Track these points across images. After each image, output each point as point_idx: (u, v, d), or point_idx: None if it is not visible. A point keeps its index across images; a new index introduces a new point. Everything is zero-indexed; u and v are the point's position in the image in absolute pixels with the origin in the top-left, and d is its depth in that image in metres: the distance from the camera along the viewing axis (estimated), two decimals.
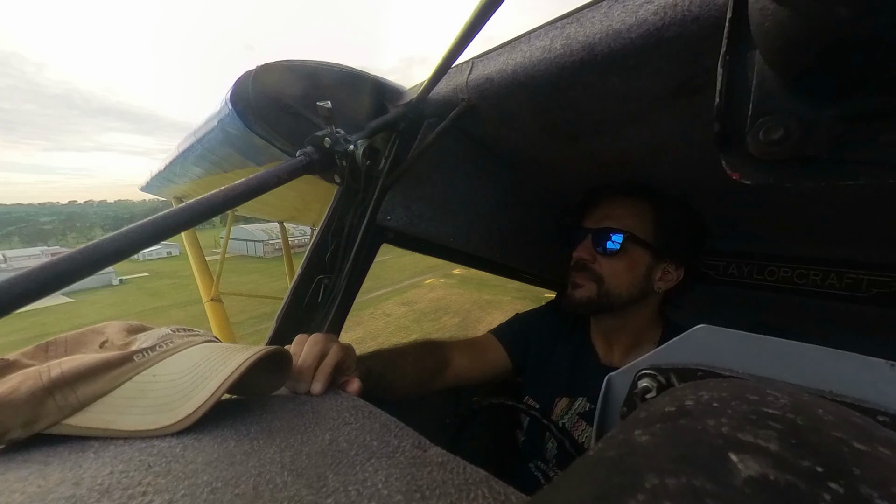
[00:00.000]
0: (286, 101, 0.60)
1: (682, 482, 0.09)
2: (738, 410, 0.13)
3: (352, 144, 0.56)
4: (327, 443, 0.32)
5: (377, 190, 0.65)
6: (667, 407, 0.15)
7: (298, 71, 0.61)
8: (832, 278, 0.86)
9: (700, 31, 0.35)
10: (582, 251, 0.71)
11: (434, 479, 0.27)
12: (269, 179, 0.48)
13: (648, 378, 0.22)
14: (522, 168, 0.83)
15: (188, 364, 0.37)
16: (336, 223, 0.66)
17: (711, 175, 0.63)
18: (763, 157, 0.21)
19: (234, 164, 0.94)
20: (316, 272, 0.65)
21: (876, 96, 0.17)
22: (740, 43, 0.21)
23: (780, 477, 0.09)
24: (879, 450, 0.12)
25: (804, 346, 0.19)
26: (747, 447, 0.11)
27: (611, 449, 0.12)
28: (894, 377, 0.17)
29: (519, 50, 0.49)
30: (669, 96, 0.46)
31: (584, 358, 0.79)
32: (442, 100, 0.61)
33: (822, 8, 0.12)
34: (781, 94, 0.20)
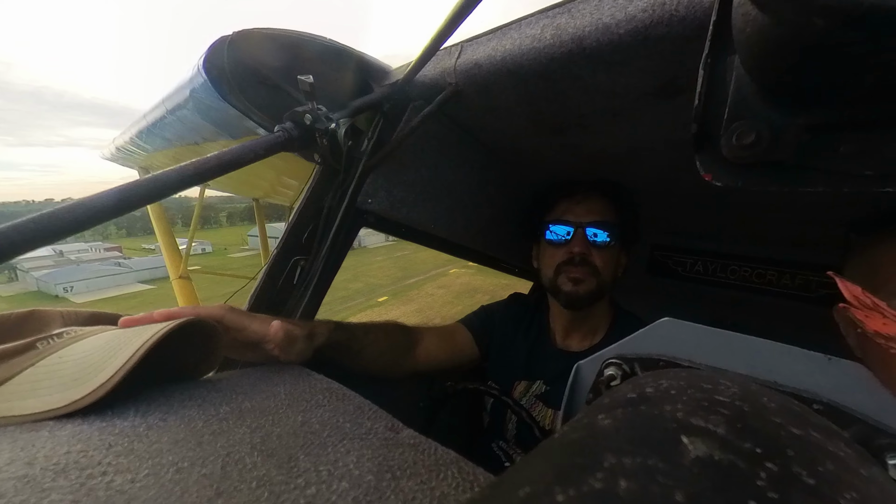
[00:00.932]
0: (264, 72, 0.57)
1: (637, 462, 0.10)
2: (693, 398, 0.14)
3: (334, 123, 0.54)
4: (299, 424, 0.32)
5: (358, 172, 0.64)
6: (629, 394, 0.16)
7: (279, 41, 0.58)
8: (786, 278, 0.93)
9: (685, 31, 0.35)
10: (581, 245, 0.74)
11: (406, 460, 0.28)
12: (245, 154, 0.46)
13: (614, 367, 0.23)
14: (507, 158, 0.83)
15: (98, 343, 0.35)
16: (314, 204, 0.65)
17: (686, 176, 0.66)
18: (735, 160, 0.21)
19: (206, 136, 0.89)
20: (292, 253, 0.64)
21: (838, 108, 0.18)
22: (722, 47, 0.22)
23: (723, 457, 0.10)
24: (812, 434, 0.13)
25: (756, 340, 0.20)
26: (698, 431, 0.12)
27: (575, 432, 0.13)
28: (830, 370, 0.18)
29: (509, 37, 0.48)
30: (653, 95, 0.47)
31: (542, 343, 0.83)
32: (429, 82, 0.60)
33: (801, 17, 0.13)
34: (755, 99, 0.20)
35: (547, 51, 0.45)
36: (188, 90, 0.65)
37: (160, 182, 0.39)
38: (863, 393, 0.17)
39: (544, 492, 0.09)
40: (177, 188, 0.40)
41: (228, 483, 0.25)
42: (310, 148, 0.56)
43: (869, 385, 0.17)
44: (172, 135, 1.01)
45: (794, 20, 0.14)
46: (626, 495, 0.09)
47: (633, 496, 0.09)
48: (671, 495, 0.09)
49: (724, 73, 0.22)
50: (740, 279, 0.99)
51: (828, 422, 0.16)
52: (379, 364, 0.67)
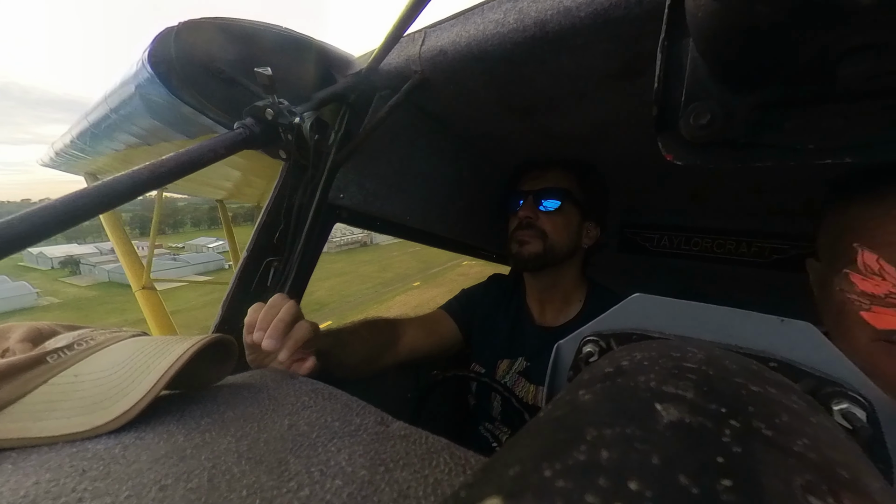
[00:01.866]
0: (217, 66, 0.54)
1: (616, 432, 0.11)
2: (664, 367, 0.15)
3: (297, 117, 0.52)
4: (286, 428, 0.31)
5: (328, 166, 0.62)
6: (606, 368, 0.17)
7: (231, 31, 0.54)
8: (743, 247, 0.99)
9: (643, 14, 0.36)
10: (527, 210, 0.78)
11: (398, 452, 0.28)
12: (204, 154, 0.43)
13: (592, 344, 0.24)
14: (478, 143, 0.83)
15: (118, 360, 0.34)
16: (284, 202, 0.62)
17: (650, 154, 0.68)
18: (693, 140, 0.23)
19: (158, 137, 0.83)
20: (264, 255, 0.62)
21: (783, 87, 0.19)
22: (677, 30, 0.23)
23: (693, 420, 0.11)
24: (769, 390, 0.14)
25: (718, 308, 0.22)
26: (669, 397, 0.12)
27: (558, 409, 0.14)
28: (783, 330, 0.20)
29: (472, 22, 0.48)
30: (615, 77, 0.48)
31: (521, 321, 0.86)
32: (394, 71, 0.58)
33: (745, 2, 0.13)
34: (709, 81, 0.21)
35: (511, 35, 0.44)
36: (133, 86, 0.60)
37: (112, 189, 0.36)
38: (811, 349, 0.19)
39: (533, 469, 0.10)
40: (131, 194, 0.38)
41: (217, 495, 0.24)
42: (274, 144, 0.54)
43: (816, 342, 0.19)
44: (120, 136, 0.93)
45: (739, 5, 0.15)
46: (608, 464, 0.09)
47: (614, 464, 0.09)
48: (649, 460, 0.09)
49: (680, 55, 0.22)
50: (703, 250, 1.05)
51: (782, 377, 0.17)
52: (365, 364, 0.67)
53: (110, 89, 0.73)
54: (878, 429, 0.17)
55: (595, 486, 0.08)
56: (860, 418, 0.17)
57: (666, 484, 0.08)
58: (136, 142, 0.93)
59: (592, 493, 0.08)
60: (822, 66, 0.17)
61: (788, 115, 0.20)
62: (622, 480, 0.09)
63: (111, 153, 1.17)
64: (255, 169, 1.28)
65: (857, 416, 0.17)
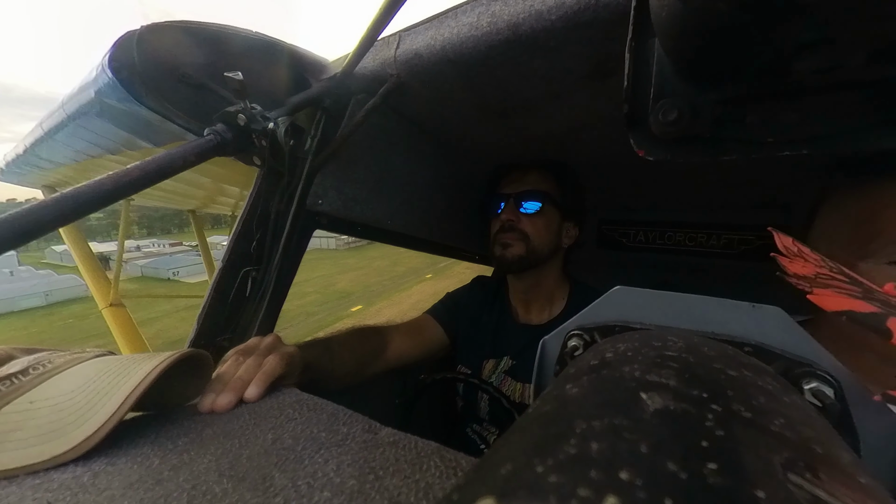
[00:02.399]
0: (184, 70, 0.52)
1: (604, 423, 0.11)
2: (647, 356, 0.15)
3: (271, 122, 0.51)
4: (270, 442, 0.30)
5: (304, 172, 0.61)
6: (591, 360, 0.17)
7: (197, 35, 0.53)
8: (714, 239, 1.04)
9: (611, 16, 0.37)
10: (509, 213, 0.79)
11: (387, 459, 0.27)
12: (173, 162, 0.42)
13: (576, 338, 0.24)
14: (457, 146, 0.84)
15: (78, 383, 0.31)
16: (260, 210, 0.61)
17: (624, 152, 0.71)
18: (662, 136, 0.23)
19: (122, 145, 0.79)
20: (241, 265, 0.60)
21: (744, 83, 0.21)
22: (643, 31, 0.23)
23: (677, 406, 0.11)
24: (745, 373, 0.15)
25: (694, 297, 0.23)
26: (654, 386, 0.13)
27: (546, 404, 0.14)
28: (754, 315, 0.21)
29: (446, 25, 0.48)
30: (587, 77, 0.49)
31: (505, 321, 0.86)
32: (370, 75, 0.58)
33: (706, 2, 0.14)
34: (676, 79, 0.22)
35: (485, 38, 0.45)
36: (92, 91, 0.57)
37: (72, 200, 0.34)
38: (781, 332, 0.20)
39: (524, 466, 0.10)
40: (94, 206, 0.36)
41: None
42: (247, 151, 0.52)
43: (786, 325, 0.20)
44: (79, 145, 0.88)
45: (701, 4, 0.15)
46: (598, 456, 0.09)
47: (604, 456, 0.09)
48: (637, 449, 0.09)
49: (647, 55, 0.23)
50: (676, 244, 1.09)
51: (757, 361, 0.18)
52: (354, 373, 0.66)
53: (67, 95, 0.69)
54: (845, 404, 0.17)
55: (587, 479, 0.08)
56: (829, 395, 0.17)
57: (655, 472, 0.09)
58: (97, 151, 0.89)
59: (585, 486, 0.08)
60: (778, 62, 0.18)
61: (749, 110, 0.21)
62: (613, 471, 0.09)
63: (70, 164, 1.11)
64: (228, 177, 1.24)
65: (825, 393, 0.18)
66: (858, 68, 0.17)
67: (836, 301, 0.15)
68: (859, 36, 0.16)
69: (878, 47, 0.16)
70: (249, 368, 0.41)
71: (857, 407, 0.17)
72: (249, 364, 0.42)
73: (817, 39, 0.15)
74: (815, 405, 0.17)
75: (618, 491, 0.08)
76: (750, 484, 0.08)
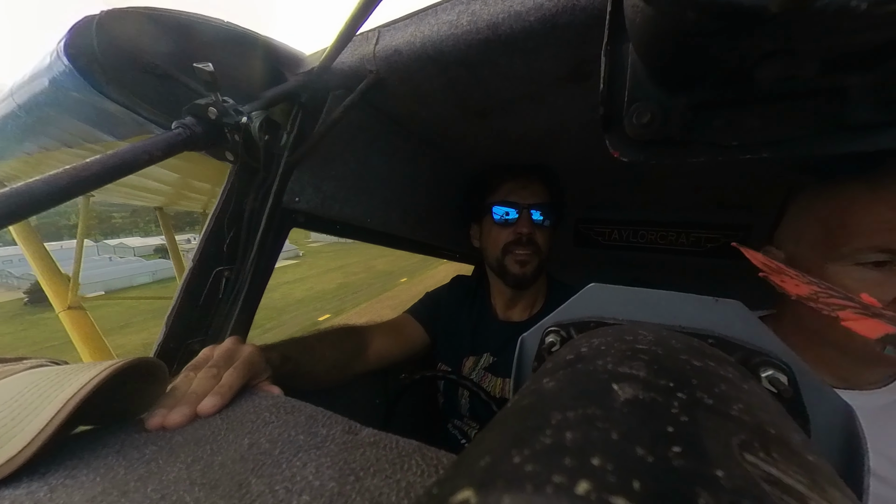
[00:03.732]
0: (149, 59, 0.49)
1: (579, 413, 0.11)
2: (619, 350, 0.16)
3: (245, 116, 0.49)
4: (246, 447, 0.29)
5: (281, 169, 0.59)
6: (567, 355, 0.17)
7: (164, 22, 0.50)
8: (683, 237, 1.09)
9: (587, 20, 0.38)
10: (526, 226, 0.77)
11: (367, 459, 0.27)
12: (138, 157, 0.40)
13: (553, 334, 0.25)
14: (437, 145, 0.83)
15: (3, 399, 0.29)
16: (234, 207, 0.58)
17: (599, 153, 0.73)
18: (636, 138, 0.24)
19: (80, 137, 0.74)
20: (213, 264, 0.57)
21: (711, 89, 0.22)
22: (618, 35, 0.24)
23: (646, 396, 0.12)
24: (708, 364, 0.16)
25: (663, 293, 0.24)
26: (625, 377, 0.13)
27: (524, 398, 0.14)
28: (717, 309, 0.22)
29: (426, 23, 0.48)
30: (565, 79, 0.50)
31: (485, 318, 0.87)
32: (348, 70, 0.57)
33: (676, 9, 0.15)
34: (648, 83, 0.23)
35: (465, 37, 0.45)
36: (46, 80, 0.53)
37: (23, 197, 0.32)
38: (741, 324, 0.21)
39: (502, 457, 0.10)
40: (48, 203, 0.34)
41: None
42: (219, 145, 0.50)
43: (745, 317, 0.21)
44: (31, 136, 0.82)
45: (672, 12, 0.16)
46: (572, 444, 0.10)
47: (577, 444, 0.10)
48: (609, 436, 0.10)
49: (622, 59, 0.24)
50: (648, 242, 1.14)
51: (719, 351, 0.19)
52: (334, 372, 0.65)
53: (16, 84, 0.64)
54: (797, 390, 0.19)
55: (561, 466, 0.09)
56: (783, 382, 0.19)
57: (625, 457, 0.09)
58: (52, 144, 0.83)
59: (559, 473, 0.09)
60: (742, 70, 0.19)
61: (716, 114, 0.22)
62: (585, 458, 0.09)
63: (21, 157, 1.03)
64: (198, 172, 1.19)
65: (780, 380, 0.19)
66: (813, 78, 0.19)
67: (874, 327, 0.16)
68: (813, 48, 0.17)
69: (830, 58, 0.18)
70: (203, 382, 0.38)
71: (807, 392, 0.19)
72: (203, 377, 0.38)
73: (776, 50, 0.16)
74: (770, 391, 0.19)
75: (590, 476, 0.08)
76: (710, 464, 0.09)
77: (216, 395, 0.36)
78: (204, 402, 0.35)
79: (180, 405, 0.35)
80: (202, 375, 0.39)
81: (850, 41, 0.16)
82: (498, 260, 0.81)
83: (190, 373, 0.40)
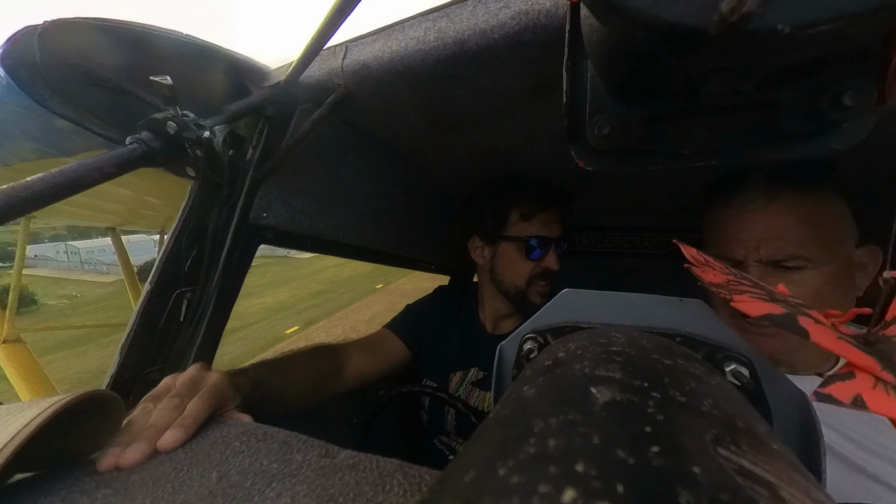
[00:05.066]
0: (100, 72, 0.46)
1: (560, 419, 0.11)
2: (595, 353, 0.16)
3: (207, 130, 0.47)
4: (214, 481, 0.27)
5: (246, 184, 0.57)
6: (545, 361, 0.18)
7: (115, 34, 0.48)
8: (647, 241, 1.14)
9: (548, 38, 0.40)
10: (555, 263, 0.79)
11: (347, 483, 0.26)
12: (88, 174, 0.37)
13: (531, 341, 0.25)
14: (408, 157, 0.84)
15: None
16: (196, 225, 0.56)
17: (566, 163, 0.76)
18: (598, 148, 0.26)
19: (19, 155, 0.69)
20: (173, 286, 0.54)
21: (664, 103, 0.23)
22: (577, 53, 0.25)
23: (622, 397, 0.12)
24: (678, 361, 0.16)
25: (632, 295, 0.25)
26: (602, 380, 0.14)
27: (506, 408, 0.14)
28: (682, 308, 0.23)
29: (394, 38, 0.49)
30: (531, 94, 0.52)
31: (473, 333, 0.86)
32: (316, 84, 0.56)
33: (628, 30, 0.16)
34: (607, 97, 0.24)
35: (433, 53, 0.46)
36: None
37: None
38: (704, 322, 0.22)
39: (487, 471, 0.10)
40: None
41: None
42: (179, 161, 0.48)
43: (707, 315, 0.23)
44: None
45: (624, 32, 0.17)
46: (556, 452, 0.10)
47: (561, 451, 0.10)
48: (590, 441, 0.10)
49: (582, 75, 0.25)
50: (616, 247, 1.19)
51: (686, 349, 0.20)
52: (310, 393, 0.62)
53: None
54: (758, 381, 0.20)
55: (546, 476, 0.09)
56: (745, 375, 0.20)
57: (607, 461, 0.09)
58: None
59: (544, 483, 0.09)
60: (690, 85, 0.20)
61: (670, 126, 0.24)
62: (570, 465, 0.09)
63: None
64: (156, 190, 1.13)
65: (742, 373, 0.20)
66: (751, 92, 0.20)
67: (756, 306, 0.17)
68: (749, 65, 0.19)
69: (765, 75, 0.20)
70: (164, 414, 0.34)
71: (766, 382, 0.20)
72: (163, 409, 0.35)
73: (718, 67, 0.18)
74: (734, 384, 0.20)
75: (575, 483, 0.08)
76: (687, 461, 0.09)
77: (179, 428, 0.33)
78: (165, 437, 0.32)
79: (137, 441, 0.31)
80: (163, 407, 0.35)
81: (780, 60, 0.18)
82: (519, 290, 0.79)
83: (148, 404, 0.36)
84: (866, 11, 0.13)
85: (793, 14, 0.13)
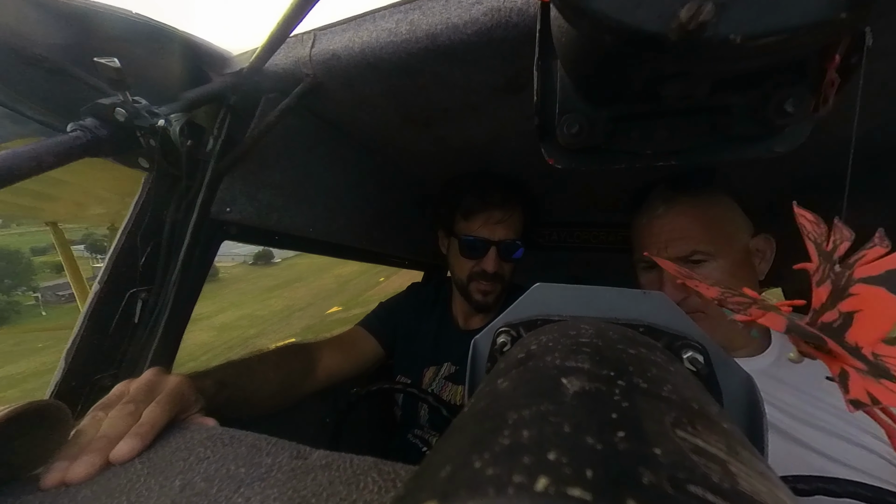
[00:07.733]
0: (36, 52, 0.42)
1: (533, 411, 0.12)
2: (565, 345, 0.17)
3: (162, 119, 0.44)
4: (177, 490, 0.26)
5: (207, 177, 0.54)
6: (518, 354, 0.18)
7: (53, 9, 0.43)
8: (612, 236, 1.19)
9: (519, 36, 0.41)
10: (492, 265, 0.77)
11: (320, 483, 0.26)
12: (23, 164, 0.34)
13: (504, 334, 0.26)
14: (379, 152, 0.82)
15: None
16: (149, 220, 0.52)
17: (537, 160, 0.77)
18: (568, 146, 0.26)
19: None
20: (126, 286, 0.50)
21: (628, 103, 0.24)
22: (547, 52, 0.26)
23: (591, 386, 0.13)
24: (641, 350, 0.17)
25: (599, 288, 0.26)
26: (572, 371, 0.14)
27: (480, 401, 0.14)
28: (644, 300, 0.25)
29: (365, 28, 0.47)
30: (502, 90, 0.53)
31: (446, 328, 0.87)
32: (282, 72, 0.54)
33: (595, 32, 0.16)
34: (576, 97, 0.25)
35: (404, 45, 0.45)
36: None
37: None
38: (664, 313, 0.24)
39: (463, 464, 0.10)
40: None
41: None
42: (130, 151, 0.44)
43: (667, 306, 0.24)
44: None
45: (592, 35, 0.18)
46: (529, 442, 0.10)
47: (534, 441, 0.10)
48: (561, 429, 0.10)
49: (552, 74, 0.26)
50: (584, 242, 1.23)
51: (648, 339, 0.21)
52: (280, 395, 0.60)
53: None
54: (711, 367, 0.22)
55: (520, 466, 0.09)
56: (700, 361, 0.21)
57: (577, 448, 0.10)
58: None
59: (518, 473, 0.09)
60: (651, 87, 0.21)
61: (634, 126, 0.25)
62: (542, 454, 0.09)
63: None
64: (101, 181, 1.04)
65: (698, 359, 0.21)
66: (706, 97, 0.22)
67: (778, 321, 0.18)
68: (704, 71, 0.20)
69: (718, 81, 0.21)
70: (116, 422, 0.32)
71: (718, 367, 0.22)
72: (116, 416, 0.32)
73: (677, 72, 0.19)
74: (691, 370, 0.21)
75: (547, 471, 0.09)
76: (649, 444, 0.10)
77: (134, 437, 0.31)
78: (119, 447, 0.30)
79: (86, 454, 0.29)
80: (115, 415, 0.33)
81: (731, 67, 0.19)
82: (462, 284, 0.81)
83: (98, 413, 0.33)
84: (806, 25, 0.14)
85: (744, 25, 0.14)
